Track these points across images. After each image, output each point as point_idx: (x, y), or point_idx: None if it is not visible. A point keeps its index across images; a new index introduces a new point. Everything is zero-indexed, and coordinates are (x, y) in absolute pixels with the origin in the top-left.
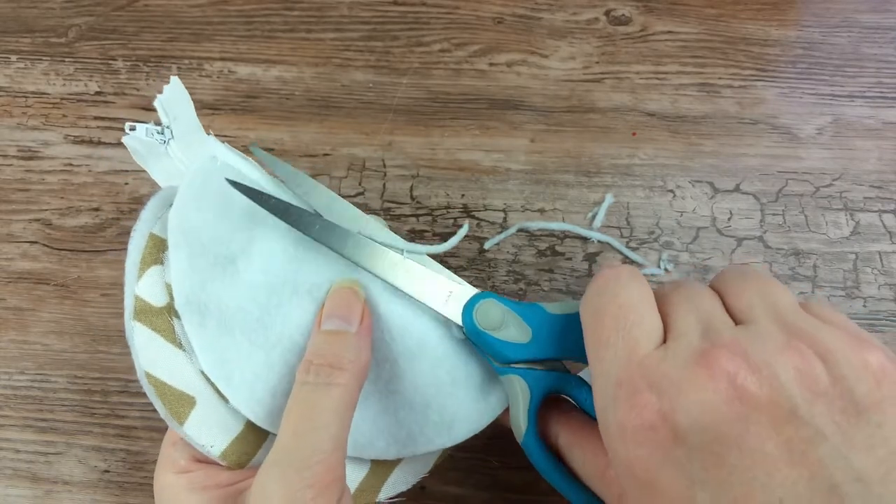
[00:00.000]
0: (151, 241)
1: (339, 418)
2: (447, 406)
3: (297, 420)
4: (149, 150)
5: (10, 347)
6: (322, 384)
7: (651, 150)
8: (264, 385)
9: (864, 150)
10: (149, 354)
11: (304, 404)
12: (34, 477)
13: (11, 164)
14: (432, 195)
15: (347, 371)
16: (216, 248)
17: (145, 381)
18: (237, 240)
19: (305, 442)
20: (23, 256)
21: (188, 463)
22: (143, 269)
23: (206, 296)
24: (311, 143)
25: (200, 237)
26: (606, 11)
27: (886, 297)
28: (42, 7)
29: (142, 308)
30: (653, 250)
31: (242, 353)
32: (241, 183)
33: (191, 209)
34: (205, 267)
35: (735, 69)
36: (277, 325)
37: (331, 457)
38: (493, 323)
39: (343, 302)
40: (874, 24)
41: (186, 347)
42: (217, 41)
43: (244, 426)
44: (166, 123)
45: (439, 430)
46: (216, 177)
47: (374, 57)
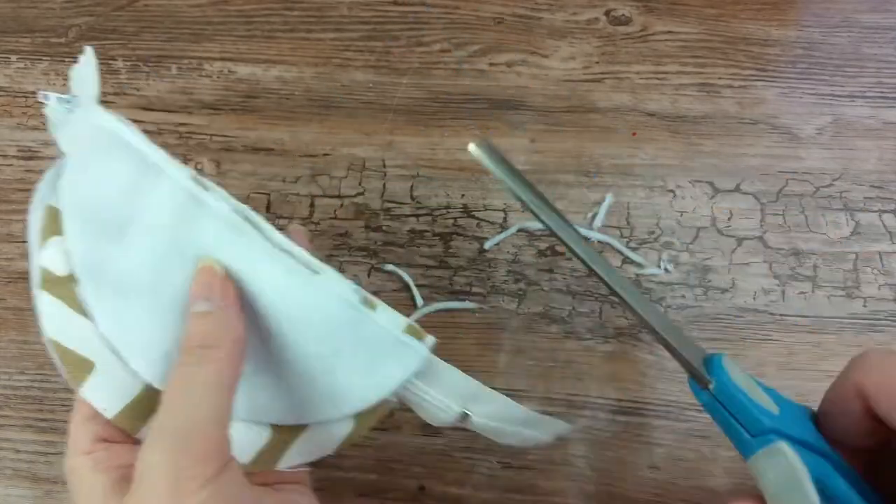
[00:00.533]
0: (49, 213)
1: (215, 392)
2: (337, 376)
3: (174, 397)
4: (59, 119)
5: (10, 347)
6: (195, 363)
7: (651, 150)
8: (159, 348)
9: (865, 150)
10: (53, 322)
11: (180, 381)
12: (34, 477)
13: (11, 164)
14: (432, 195)
15: (219, 348)
16: (106, 214)
17: (51, 347)
18: (125, 205)
19: (183, 415)
20: (23, 256)
21: (92, 444)
22: (43, 240)
23: (101, 261)
24: (311, 143)
25: (90, 204)
26: (606, 11)
27: (886, 297)
28: (42, 7)
29: (46, 277)
30: (653, 250)
31: (138, 317)
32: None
33: (80, 178)
34: (97, 233)
35: (735, 69)
36: (168, 289)
37: (209, 427)
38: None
39: (203, 282)
40: (874, 24)
41: (88, 313)
42: (217, 41)
43: (140, 391)
44: (74, 93)
45: (324, 402)
46: (101, 144)
47: (375, 57)
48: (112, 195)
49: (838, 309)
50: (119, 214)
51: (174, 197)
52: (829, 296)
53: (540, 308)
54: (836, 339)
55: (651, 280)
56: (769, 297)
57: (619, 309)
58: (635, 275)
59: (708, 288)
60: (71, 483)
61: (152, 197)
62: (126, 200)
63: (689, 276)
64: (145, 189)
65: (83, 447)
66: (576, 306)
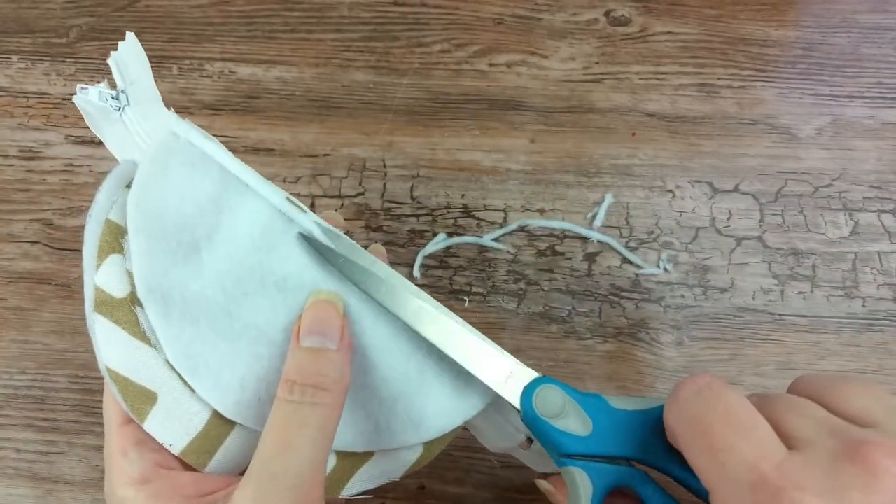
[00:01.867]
0: (108, 228)
1: (323, 438)
2: (415, 401)
3: (279, 438)
4: (103, 115)
5: (11, 347)
6: (306, 403)
7: (651, 150)
8: (231, 374)
9: (864, 151)
10: (110, 349)
11: (286, 422)
12: (36, 476)
13: (12, 165)
14: (432, 195)
15: (331, 391)
16: (179, 233)
17: (108, 376)
18: (202, 225)
19: (287, 461)
20: (24, 256)
21: (149, 471)
22: (101, 258)
23: (169, 283)
24: (311, 144)
25: (162, 222)
26: (606, 12)
27: (885, 297)
28: (43, 7)
29: (102, 299)
30: (652, 250)
31: (208, 343)
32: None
33: (152, 192)
34: (167, 253)
35: (734, 69)
36: (244, 314)
37: (315, 476)
38: (553, 410)
39: (323, 317)
40: (873, 25)
41: (151, 338)
42: (218, 42)
43: (207, 422)
44: (121, 87)
45: (406, 426)
46: (178, 156)
47: (375, 57)
48: (187, 212)
49: (837, 308)
50: (194, 233)
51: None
52: (827, 295)
53: (540, 308)
54: (835, 339)
55: (650, 280)
56: (768, 297)
57: (618, 309)
58: (635, 274)
59: (707, 288)
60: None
61: (233, 216)
62: (203, 218)
63: (689, 276)
64: (226, 207)
65: (135, 475)
66: (575, 306)
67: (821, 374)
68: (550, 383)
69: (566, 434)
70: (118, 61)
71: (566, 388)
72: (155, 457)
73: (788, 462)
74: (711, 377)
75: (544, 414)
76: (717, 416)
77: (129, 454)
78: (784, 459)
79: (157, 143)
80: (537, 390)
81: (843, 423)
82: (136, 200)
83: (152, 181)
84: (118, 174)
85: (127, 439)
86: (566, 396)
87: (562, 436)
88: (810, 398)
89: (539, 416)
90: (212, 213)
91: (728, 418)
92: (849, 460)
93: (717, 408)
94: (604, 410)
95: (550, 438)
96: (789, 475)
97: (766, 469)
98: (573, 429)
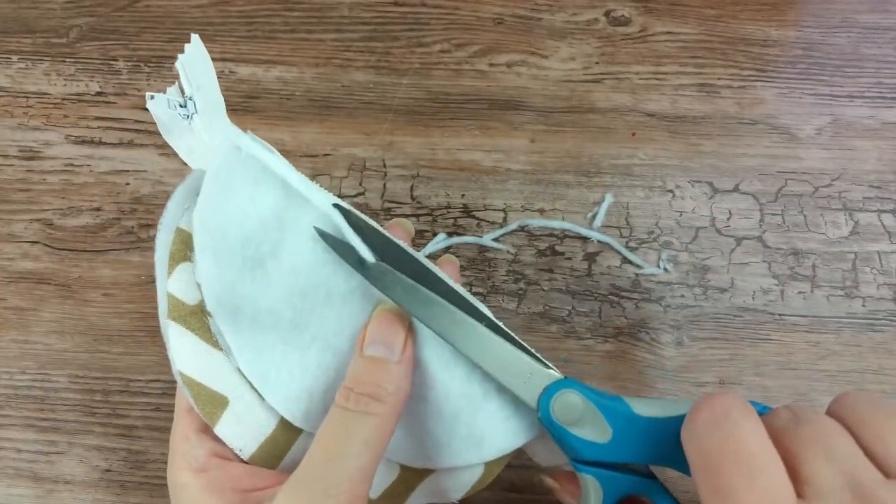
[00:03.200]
0: (179, 237)
1: (371, 449)
2: (477, 420)
3: (329, 444)
4: (173, 122)
5: (11, 347)
6: (360, 412)
7: (651, 150)
8: (299, 384)
9: (864, 151)
10: (183, 354)
11: (337, 429)
12: (36, 476)
13: (12, 165)
14: (432, 195)
15: (386, 403)
16: (244, 249)
17: (180, 380)
18: (266, 241)
19: (333, 468)
20: (24, 256)
21: (206, 459)
22: (172, 266)
23: (238, 298)
24: (311, 144)
25: (227, 238)
26: (606, 12)
27: (885, 297)
28: (43, 7)
29: (175, 306)
30: (652, 250)
31: (277, 353)
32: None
33: (215, 209)
34: (234, 269)
35: (734, 69)
36: (312, 327)
37: (357, 487)
38: (571, 417)
39: (387, 328)
40: (873, 25)
41: (222, 345)
42: (218, 42)
43: (275, 429)
44: (189, 94)
45: (467, 444)
46: (241, 171)
47: (375, 57)
48: (251, 228)
49: (837, 308)
50: (258, 249)
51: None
52: (827, 295)
53: (540, 308)
54: (834, 339)
55: (650, 280)
56: (768, 297)
57: (618, 309)
58: (635, 274)
59: (707, 288)
60: (179, 500)
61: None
62: (266, 234)
63: (689, 276)
64: (289, 222)
65: (194, 462)
66: (575, 306)
67: (867, 397)
68: (571, 387)
69: (583, 441)
70: (185, 65)
71: (587, 392)
72: (213, 445)
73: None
74: (732, 400)
75: (562, 420)
76: (726, 453)
77: (191, 439)
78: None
79: (220, 157)
80: (557, 394)
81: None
82: (200, 218)
83: (215, 198)
84: (188, 184)
85: (190, 426)
86: (586, 402)
87: (579, 442)
88: (847, 425)
89: (556, 422)
90: (275, 228)
91: (738, 459)
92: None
93: (728, 444)
94: (625, 416)
95: (566, 444)
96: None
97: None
98: (590, 436)
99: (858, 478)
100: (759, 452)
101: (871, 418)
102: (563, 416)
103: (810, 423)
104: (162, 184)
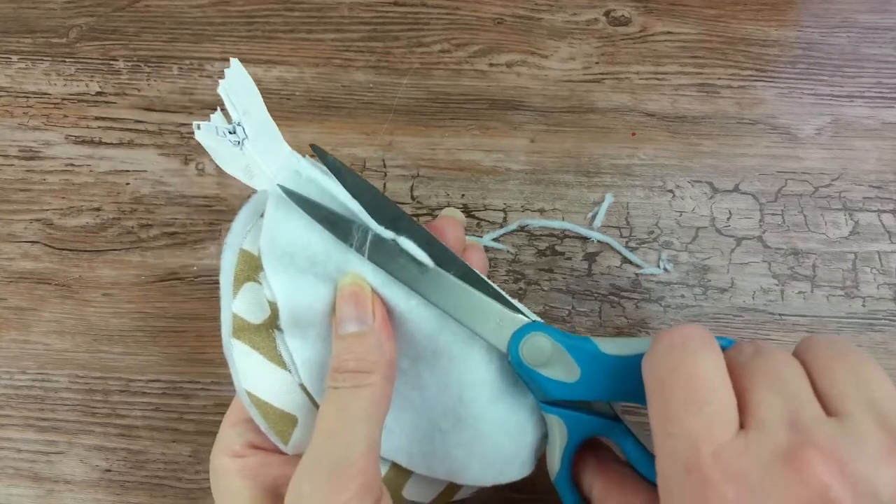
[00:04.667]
0: (243, 258)
1: (371, 418)
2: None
3: (330, 423)
4: (224, 149)
5: (11, 347)
6: (352, 387)
7: (650, 150)
8: None
9: (864, 151)
10: (249, 373)
11: (335, 408)
12: (36, 476)
13: (12, 165)
14: (432, 195)
15: (375, 372)
16: (312, 267)
17: (247, 399)
18: (331, 261)
19: (338, 443)
20: (24, 256)
21: (243, 448)
22: (237, 287)
23: (312, 314)
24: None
25: (295, 263)
26: (606, 12)
27: (885, 297)
28: (43, 7)
29: (240, 325)
30: (652, 250)
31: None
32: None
33: (279, 238)
34: (307, 289)
35: (734, 69)
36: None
37: (364, 458)
38: (540, 358)
39: (353, 301)
40: (873, 25)
41: (287, 361)
42: (218, 42)
43: None
44: (237, 120)
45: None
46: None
47: (375, 57)
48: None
49: (837, 308)
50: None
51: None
52: (827, 295)
53: (540, 307)
54: None
55: (650, 280)
56: (768, 297)
57: (618, 309)
58: (635, 274)
59: (707, 287)
60: (215, 482)
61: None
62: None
63: (689, 276)
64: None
65: (233, 449)
66: (575, 306)
67: (828, 339)
68: (539, 330)
69: (551, 381)
70: (228, 90)
71: (555, 334)
72: (252, 436)
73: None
74: (693, 330)
75: (531, 362)
76: (678, 380)
77: (237, 427)
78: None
79: (279, 183)
80: (526, 337)
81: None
82: (268, 245)
83: (279, 227)
84: (252, 205)
85: (240, 413)
86: (554, 343)
87: (547, 382)
88: (803, 362)
89: (525, 364)
90: (338, 251)
91: (688, 386)
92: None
93: (680, 371)
94: (592, 355)
95: (536, 384)
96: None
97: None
98: (559, 376)
99: (799, 413)
100: (710, 381)
101: (823, 356)
102: (532, 357)
103: (766, 356)
104: (162, 184)
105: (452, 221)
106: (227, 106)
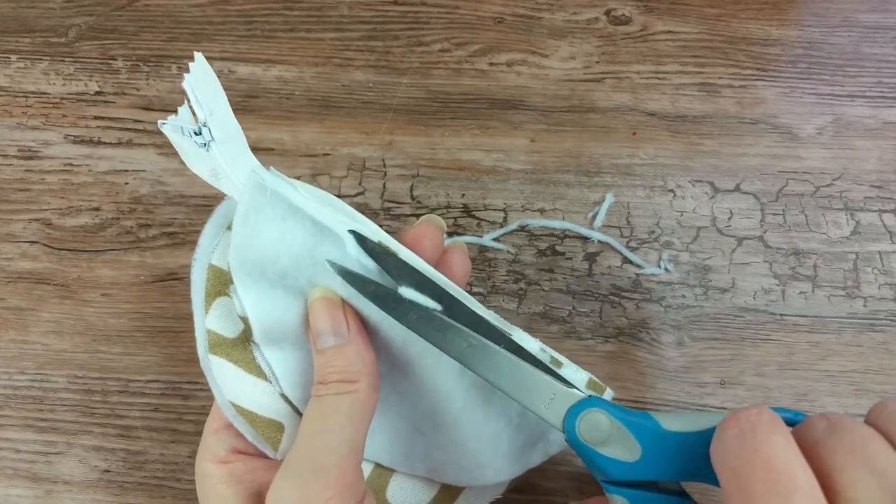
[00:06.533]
0: (212, 273)
1: (353, 422)
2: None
3: (312, 426)
4: (190, 148)
5: (9, 347)
6: (336, 395)
7: (651, 149)
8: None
9: (865, 150)
10: (231, 386)
11: (318, 413)
12: (34, 477)
13: (11, 164)
14: (432, 195)
15: (359, 381)
16: (283, 280)
17: (232, 411)
18: (302, 274)
19: (318, 445)
20: (23, 256)
21: (227, 454)
22: (209, 302)
23: (285, 327)
24: (311, 143)
25: (265, 276)
26: (607, 11)
27: (886, 297)
28: (42, 7)
29: (215, 341)
30: (653, 250)
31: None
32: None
33: (248, 252)
34: (278, 303)
35: (735, 69)
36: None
37: (345, 459)
38: (599, 437)
39: (327, 316)
40: (874, 24)
41: (267, 372)
42: (217, 41)
43: None
44: (202, 120)
45: (510, 460)
46: (268, 211)
47: (375, 57)
48: (285, 264)
49: (838, 308)
50: (297, 280)
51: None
52: (829, 295)
53: (540, 308)
54: (835, 339)
55: (651, 280)
56: (769, 297)
57: (619, 309)
58: (636, 274)
59: (708, 288)
60: (201, 488)
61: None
62: (300, 269)
63: (690, 276)
64: (321, 254)
65: (217, 455)
66: (576, 306)
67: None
68: (597, 405)
69: (612, 461)
70: (193, 87)
71: (613, 410)
72: (235, 442)
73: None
74: (759, 414)
75: (589, 440)
76: (755, 471)
77: (220, 433)
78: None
79: (246, 198)
80: (582, 414)
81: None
82: (237, 258)
83: (247, 242)
84: (217, 218)
85: (222, 420)
86: (613, 420)
87: (608, 462)
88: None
89: (583, 443)
90: (308, 265)
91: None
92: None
93: (755, 460)
94: (653, 433)
95: (596, 465)
96: None
97: None
98: (619, 455)
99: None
100: (788, 468)
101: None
102: (591, 436)
103: (845, 432)
104: (161, 183)
105: (431, 228)
106: (193, 104)
